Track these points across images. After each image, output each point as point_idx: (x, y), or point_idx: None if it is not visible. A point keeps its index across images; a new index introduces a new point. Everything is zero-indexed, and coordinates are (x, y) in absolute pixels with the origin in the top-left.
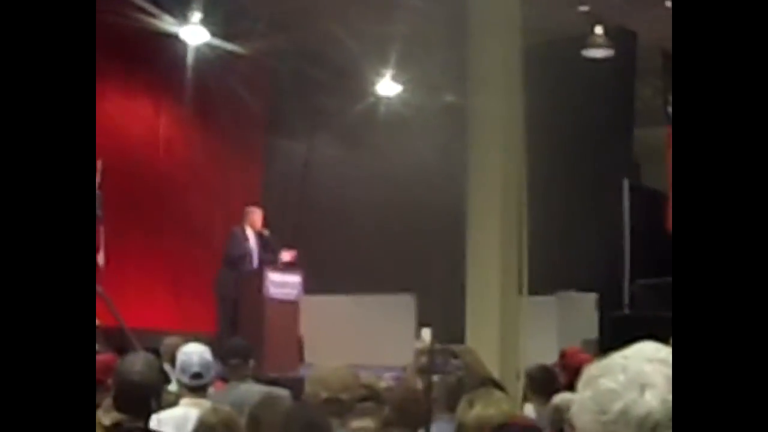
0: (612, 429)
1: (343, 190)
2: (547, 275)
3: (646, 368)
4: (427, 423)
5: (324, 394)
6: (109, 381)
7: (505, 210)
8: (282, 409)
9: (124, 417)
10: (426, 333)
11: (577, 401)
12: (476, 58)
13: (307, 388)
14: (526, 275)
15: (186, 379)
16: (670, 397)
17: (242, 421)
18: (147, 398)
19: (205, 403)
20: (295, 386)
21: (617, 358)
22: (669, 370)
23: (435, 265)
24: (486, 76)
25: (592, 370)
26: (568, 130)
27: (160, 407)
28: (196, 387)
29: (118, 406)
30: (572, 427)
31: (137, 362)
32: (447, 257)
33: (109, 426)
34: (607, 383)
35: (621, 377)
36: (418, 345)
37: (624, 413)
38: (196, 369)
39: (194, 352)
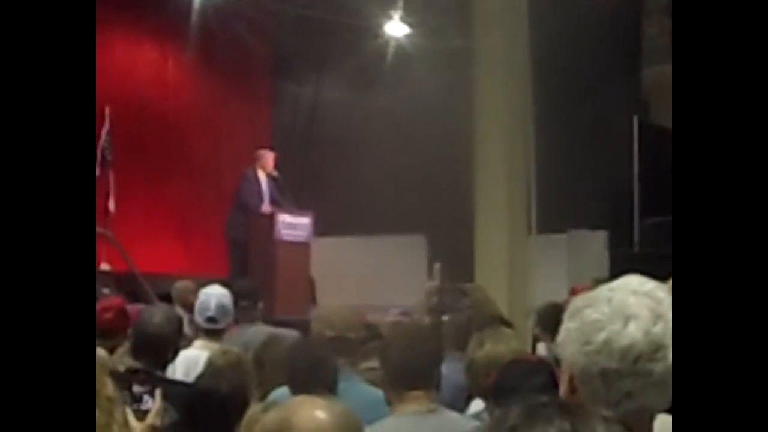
0: (595, 359)
1: (351, 131)
2: (557, 214)
3: (630, 300)
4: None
5: (329, 333)
6: (127, 329)
7: (512, 149)
8: (286, 348)
9: (139, 365)
10: (437, 268)
11: (563, 332)
12: None
13: (313, 327)
14: (534, 214)
15: (201, 321)
16: (653, 328)
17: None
18: (164, 350)
19: (218, 346)
20: (306, 328)
21: (603, 290)
22: (653, 303)
23: (444, 205)
24: (492, 16)
25: (577, 301)
26: (575, 69)
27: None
28: (210, 330)
29: (136, 355)
30: (559, 361)
31: (156, 314)
32: (455, 197)
33: (122, 372)
34: (591, 314)
35: (606, 308)
36: (428, 285)
37: (607, 343)
38: (210, 313)
39: (212, 295)
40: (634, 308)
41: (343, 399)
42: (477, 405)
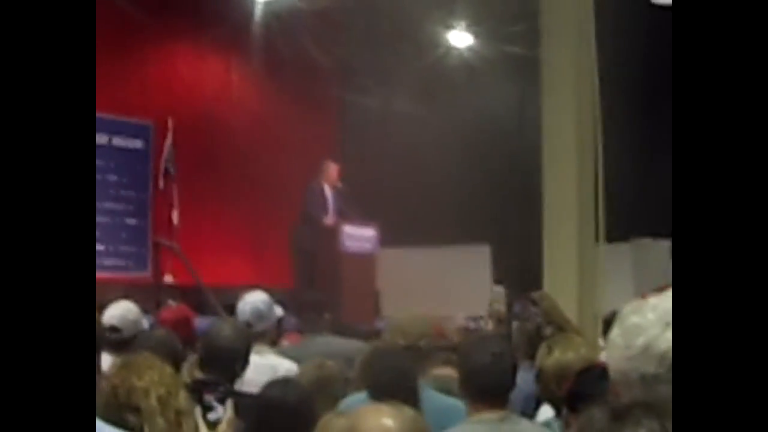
0: (635, 365)
1: (417, 142)
2: (622, 222)
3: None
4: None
5: (402, 342)
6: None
7: (581, 158)
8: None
9: (207, 378)
10: (498, 291)
11: (609, 340)
12: (548, 6)
13: (386, 336)
14: (603, 223)
15: None
16: None
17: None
18: (233, 363)
19: (264, 350)
20: (372, 338)
21: (652, 298)
22: None
23: (509, 215)
24: (559, 25)
25: (625, 308)
26: (643, 76)
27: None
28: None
29: (204, 368)
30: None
31: (225, 328)
32: (521, 207)
33: (194, 382)
34: (634, 319)
35: (650, 315)
36: (493, 295)
37: (646, 348)
38: (245, 317)
39: (248, 302)
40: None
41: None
42: (545, 412)
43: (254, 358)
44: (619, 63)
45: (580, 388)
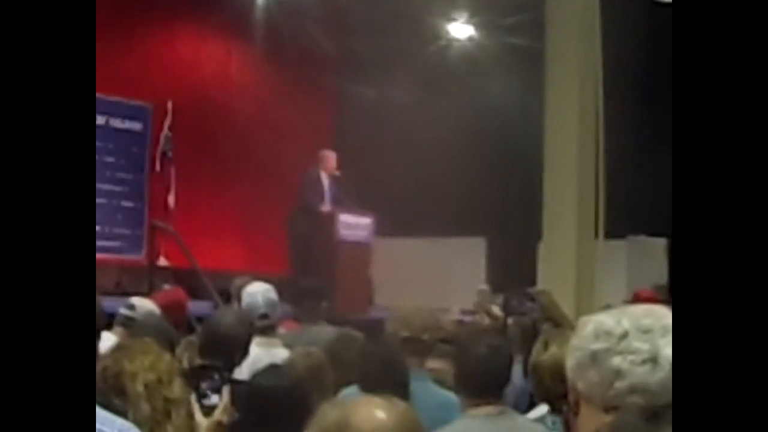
0: (586, 348)
1: (416, 133)
2: (618, 219)
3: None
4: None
5: (405, 333)
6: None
7: (582, 154)
8: (359, 346)
9: (205, 364)
10: (483, 290)
11: (570, 347)
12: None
13: (389, 327)
14: (602, 220)
15: (254, 320)
16: (643, 320)
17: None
18: (233, 351)
19: (276, 342)
20: (367, 328)
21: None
22: (650, 310)
23: (508, 209)
24: (563, 17)
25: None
26: (646, 71)
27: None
28: (265, 327)
29: (204, 354)
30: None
31: (228, 315)
32: (520, 201)
33: (192, 368)
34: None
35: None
36: (480, 289)
37: (594, 330)
38: (262, 310)
39: (258, 292)
40: (632, 308)
41: (414, 399)
42: (540, 409)
43: (263, 352)
44: (624, 55)
45: None
